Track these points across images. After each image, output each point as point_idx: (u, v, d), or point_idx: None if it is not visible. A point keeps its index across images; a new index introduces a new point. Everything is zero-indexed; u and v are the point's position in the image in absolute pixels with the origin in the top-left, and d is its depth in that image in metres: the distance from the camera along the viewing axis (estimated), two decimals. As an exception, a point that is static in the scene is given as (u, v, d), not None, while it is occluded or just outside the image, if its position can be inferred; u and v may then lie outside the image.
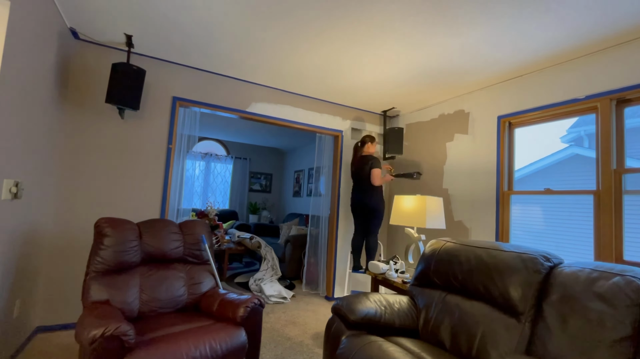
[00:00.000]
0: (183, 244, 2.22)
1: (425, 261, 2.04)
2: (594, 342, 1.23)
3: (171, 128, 3.03)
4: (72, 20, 2.43)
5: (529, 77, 2.80)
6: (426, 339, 1.81)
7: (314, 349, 2.53)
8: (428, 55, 2.59)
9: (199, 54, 2.84)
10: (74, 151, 2.68)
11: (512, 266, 1.60)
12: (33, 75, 1.98)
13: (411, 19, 2.13)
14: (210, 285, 2.21)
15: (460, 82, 3.09)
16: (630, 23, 2.04)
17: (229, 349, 1.71)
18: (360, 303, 1.81)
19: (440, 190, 3.55)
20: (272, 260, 4.34)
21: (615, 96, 2.26)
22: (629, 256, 2.16)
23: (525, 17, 2.04)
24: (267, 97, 3.53)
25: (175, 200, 3.08)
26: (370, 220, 3.45)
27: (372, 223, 3.45)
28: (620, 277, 1.29)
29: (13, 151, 1.83)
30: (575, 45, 2.33)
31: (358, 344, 1.57)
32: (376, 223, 3.45)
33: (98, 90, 2.76)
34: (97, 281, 1.81)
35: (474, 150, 3.22)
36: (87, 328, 1.40)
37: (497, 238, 2.90)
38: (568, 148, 2.59)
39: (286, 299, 3.70)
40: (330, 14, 2.13)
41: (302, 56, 2.76)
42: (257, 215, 7.17)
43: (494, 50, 2.45)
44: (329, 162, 4.13)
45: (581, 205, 2.41)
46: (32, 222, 2.22)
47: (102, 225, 1.92)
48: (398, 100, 3.72)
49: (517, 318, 1.52)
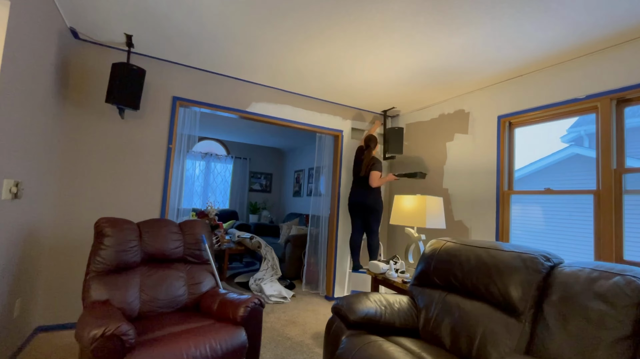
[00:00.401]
0: (183, 244, 2.22)
1: (426, 261, 2.04)
2: (594, 342, 1.23)
3: (171, 128, 3.03)
4: (72, 20, 2.43)
5: (529, 76, 2.80)
6: (426, 339, 1.81)
7: (314, 349, 2.53)
8: (428, 54, 2.59)
9: (199, 53, 2.84)
10: (73, 151, 2.68)
11: (512, 266, 1.60)
12: (33, 74, 1.98)
13: (411, 19, 2.13)
14: (210, 284, 2.22)
15: (460, 82, 3.09)
16: (630, 22, 2.04)
17: (229, 349, 1.71)
18: (360, 303, 1.81)
19: (440, 190, 3.55)
20: (272, 259, 4.34)
21: (616, 96, 2.26)
22: (629, 256, 2.16)
23: (525, 16, 2.03)
24: (267, 97, 3.53)
25: (176, 200, 3.08)
26: (370, 218, 3.44)
27: (372, 222, 3.44)
28: (620, 277, 1.29)
29: (13, 151, 1.83)
30: (575, 45, 2.33)
31: (358, 344, 1.57)
32: (376, 222, 3.45)
33: (98, 90, 2.76)
34: (97, 281, 1.81)
35: (474, 150, 3.22)
36: (87, 327, 1.40)
37: (497, 238, 2.90)
38: (568, 147, 2.59)
39: (286, 299, 3.70)
40: (331, 13, 2.13)
41: (302, 56, 2.76)
42: (257, 215, 7.17)
43: (494, 49, 2.45)
44: (329, 161, 4.13)
45: (581, 205, 2.41)
46: (32, 222, 2.22)
47: (102, 224, 1.92)
48: (398, 100, 3.72)
49: (517, 317, 1.52)
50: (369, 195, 3.42)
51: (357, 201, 3.46)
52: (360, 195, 3.45)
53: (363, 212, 3.47)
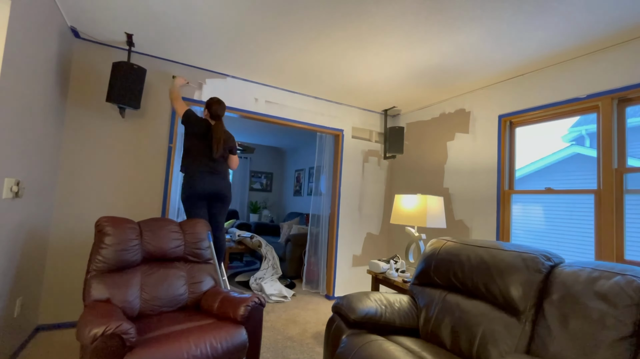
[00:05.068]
0: (184, 243, 2.22)
1: (426, 260, 2.04)
2: (595, 342, 1.23)
3: (172, 127, 3.03)
4: (73, 19, 2.43)
5: (530, 76, 2.79)
6: (426, 338, 1.81)
7: (314, 348, 2.53)
8: (429, 54, 2.59)
9: (200, 53, 2.84)
10: (74, 150, 2.68)
11: (512, 266, 1.60)
12: (34, 74, 1.98)
13: (412, 18, 2.13)
14: (210, 284, 2.22)
15: (461, 81, 3.08)
16: (631, 22, 2.03)
17: (230, 348, 1.71)
18: (361, 302, 1.81)
19: (441, 189, 3.55)
20: (273, 259, 4.35)
21: (617, 95, 2.26)
22: (630, 255, 2.16)
23: (526, 16, 2.03)
24: (267, 96, 3.53)
25: (176, 199, 3.08)
26: (223, 211, 2.84)
27: (224, 215, 2.86)
28: (621, 276, 1.29)
29: (14, 150, 1.83)
30: (576, 44, 2.32)
31: (358, 343, 1.57)
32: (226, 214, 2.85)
33: (99, 89, 2.76)
34: (98, 279, 1.82)
35: (474, 149, 3.21)
36: (88, 326, 1.40)
37: (498, 238, 2.90)
38: (569, 147, 2.59)
39: (287, 298, 3.70)
40: (331, 13, 2.13)
41: (302, 56, 2.76)
42: (257, 214, 7.18)
43: (494, 49, 2.45)
44: (329, 161, 4.13)
45: (582, 205, 2.41)
46: (32, 221, 2.22)
47: (103, 223, 1.93)
48: (399, 99, 3.72)
49: (517, 317, 1.52)
50: (228, 182, 2.80)
51: (214, 191, 2.68)
52: (218, 182, 2.70)
53: (216, 202, 2.78)
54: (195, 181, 2.60)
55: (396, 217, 2.76)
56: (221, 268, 2.74)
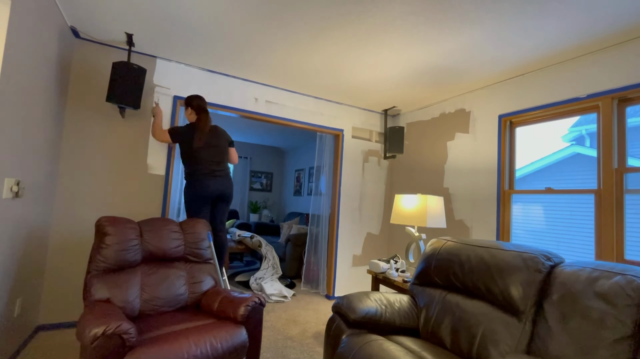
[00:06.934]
0: (184, 243, 2.22)
1: (426, 260, 2.04)
2: (595, 341, 1.23)
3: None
4: (73, 19, 2.43)
5: (530, 75, 2.79)
6: (426, 338, 1.81)
7: (314, 348, 2.53)
8: (429, 54, 2.59)
9: (200, 52, 2.84)
10: (74, 150, 2.68)
11: (513, 266, 1.60)
12: (34, 74, 1.98)
13: (412, 18, 2.13)
14: (210, 283, 2.22)
15: (461, 81, 3.08)
16: (632, 22, 2.03)
17: (230, 348, 1.71)
18: (361, 302, 1.81)
19: (441, 189, 3.55)
20: (273, 258, 4.35)
21: (617, 95, 2.26)
22: (630, 255, 2.16)
23: (526, 15, 2.03)
24: (267, 96, 3.53)
25: (176, 199, 3.08)
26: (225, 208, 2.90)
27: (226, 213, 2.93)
28: (621, 276, 1.29)
29: (14, 150, 1.83)
30: (576, 44, 2.32)
31: (358, 343, 1.57)
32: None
33: (99, 89, 2.76)
34: (98, 279, 1.82)
35: (475, 149, 3.21)
36: (88, 326, 1.40)
37: (498, 237, 2.90)
38: (569, 147, 2.59)
39: (287, 298, 3.70)
40: (332, 13, 2.13)
41: (303, 55, 2.76)
42: (257, 214, 7.18)
43: (495, 48, 2.44)
44: (329, 160, 4.12)
45: (582, 204, 2.41)
46: (33, 221, 2.22)
47: (103, 223, 1.93)
48: (399, 99, 3.72)
49: (517, 317, 1.52)
50: (231, 181, 2.84)
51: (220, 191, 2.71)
52: (224, 182, 2.74)
53: (220, 203, 2.83)
54: (201, 184, 2.64)
55: (396, 217, 2.76)
56: (222, 268, 2.75)
